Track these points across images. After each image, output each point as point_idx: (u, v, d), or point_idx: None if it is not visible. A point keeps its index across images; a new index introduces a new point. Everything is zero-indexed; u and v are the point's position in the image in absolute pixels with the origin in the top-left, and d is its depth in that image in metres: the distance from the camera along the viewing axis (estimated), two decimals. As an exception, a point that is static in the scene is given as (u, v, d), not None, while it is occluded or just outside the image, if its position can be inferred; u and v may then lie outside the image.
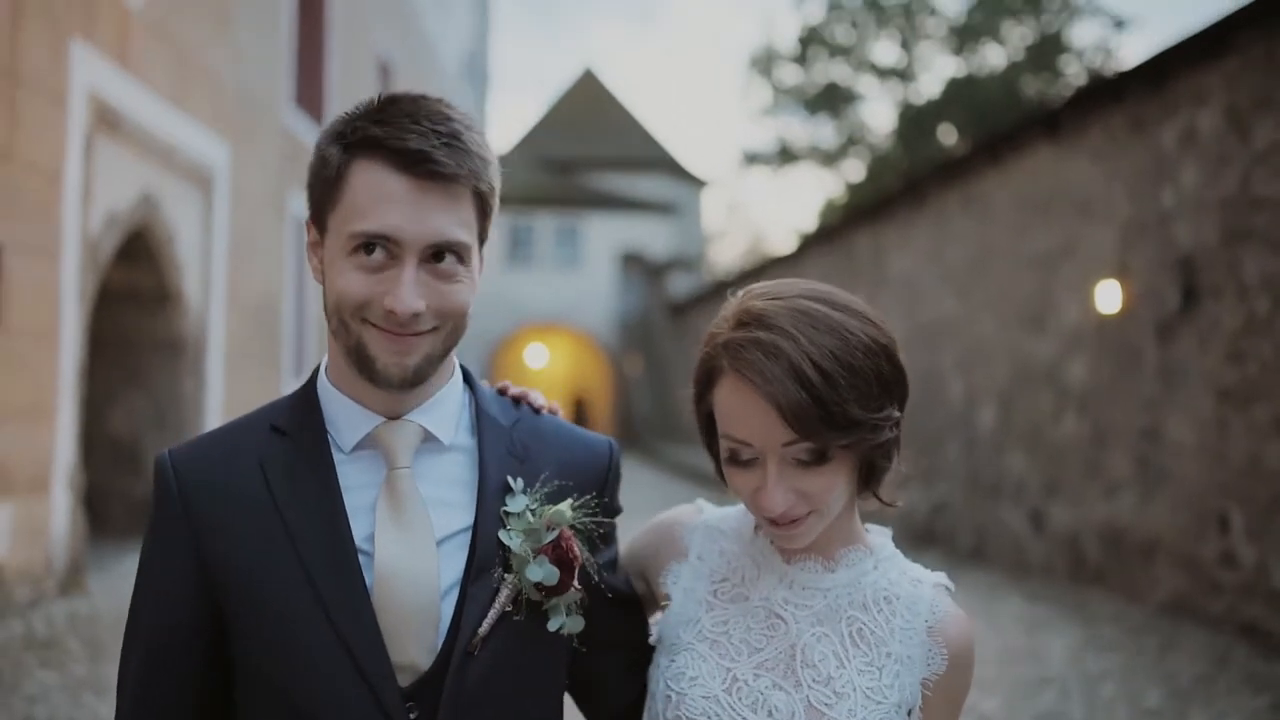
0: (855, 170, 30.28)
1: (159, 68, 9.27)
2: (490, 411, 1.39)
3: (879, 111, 47.03)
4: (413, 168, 1.20)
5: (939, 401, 11.39)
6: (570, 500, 1.35)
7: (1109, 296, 8.36)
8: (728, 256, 42.32)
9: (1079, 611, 7.80)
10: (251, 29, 11.77)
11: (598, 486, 1.42)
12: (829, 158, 30.40)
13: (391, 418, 1.31)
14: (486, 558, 1.29)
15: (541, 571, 1.29)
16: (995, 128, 15.57)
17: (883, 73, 29.09)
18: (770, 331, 1.26)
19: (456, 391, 1.37)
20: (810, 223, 33.34)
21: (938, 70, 29.37)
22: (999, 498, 10.23)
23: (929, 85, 28.65)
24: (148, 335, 10.16)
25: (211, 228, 10.74)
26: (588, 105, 35.41)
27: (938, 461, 11.35)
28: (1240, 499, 6.89)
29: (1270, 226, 6.73)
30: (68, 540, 7.79)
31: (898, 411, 1.32)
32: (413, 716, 1.24)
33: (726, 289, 1.40)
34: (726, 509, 1.53)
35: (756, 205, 57.21)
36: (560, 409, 1.53)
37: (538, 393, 1.51)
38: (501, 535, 1.30)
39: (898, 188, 13.47)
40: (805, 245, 18.11)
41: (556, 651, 1.35)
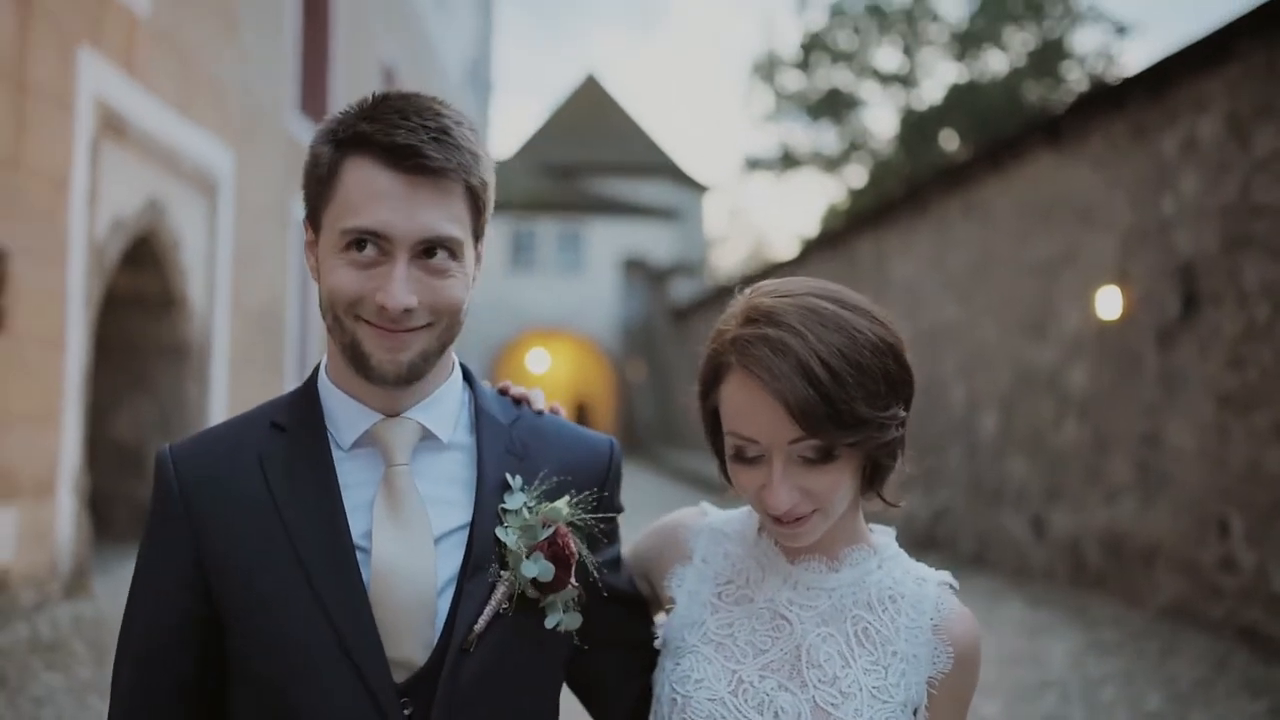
0: (857, 176, 30.25)
1: (165, 75, 9.31)
2: (489, 410, 1.39)
3: (881, 117, 47.14)
4: (402, 162, 1.20)
5: (940, 407, 11.40)
6: (568, 497, 1.34)
7: (1110, 303, 8.38)
8: (730, 262, 42.43)
9: (1080, 616, 7.82)
10: (256, 36, 11.82)
11: (598, 484, 1.41)
12: (831, 163, 30.39)
13: (390, 415, 1.31)
14: (483, 555, 1.29)
15: (537, 568, 1.29)
16: (997, 134, 15.63)
17: (885, 79, 29.08)
18: (778, 328, 1.26)
19: (456, 389, 1.37)
20: (812, 228, 33.30)
21: (940, 76, 29.34)
22: (1000, 503, 10.24)
23: (931, 91, 28.64)
24: (153, 340, 10.19)
25: (216, 233, 10.77)
26: (590, 111, 35.42)
27: (939, 467, 11.36)
28: (1240, 504, 6.91)
29: (1270, 234, 6.75)
30: (73, 544, 7.81)
31: (904, 411, 1.31)
32: (407, 713, 1.24)
33: (728, 295, 1.40)
34: (730, 512, 1.52)
35: (759, 211, 57.56)
36: (562, 409, 1.52)
37: (539, 393, 1.51)
38: (498, 532, 1.30)
39: (899, 194, 13.49)
40: (807, 251, 18.15)
41: (553, 650, 1.35)
